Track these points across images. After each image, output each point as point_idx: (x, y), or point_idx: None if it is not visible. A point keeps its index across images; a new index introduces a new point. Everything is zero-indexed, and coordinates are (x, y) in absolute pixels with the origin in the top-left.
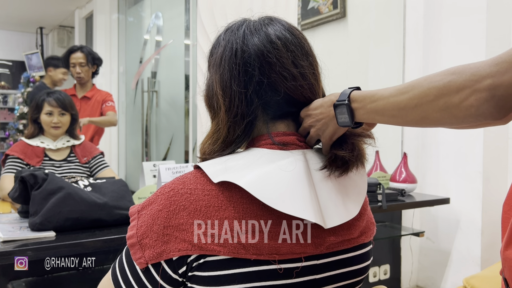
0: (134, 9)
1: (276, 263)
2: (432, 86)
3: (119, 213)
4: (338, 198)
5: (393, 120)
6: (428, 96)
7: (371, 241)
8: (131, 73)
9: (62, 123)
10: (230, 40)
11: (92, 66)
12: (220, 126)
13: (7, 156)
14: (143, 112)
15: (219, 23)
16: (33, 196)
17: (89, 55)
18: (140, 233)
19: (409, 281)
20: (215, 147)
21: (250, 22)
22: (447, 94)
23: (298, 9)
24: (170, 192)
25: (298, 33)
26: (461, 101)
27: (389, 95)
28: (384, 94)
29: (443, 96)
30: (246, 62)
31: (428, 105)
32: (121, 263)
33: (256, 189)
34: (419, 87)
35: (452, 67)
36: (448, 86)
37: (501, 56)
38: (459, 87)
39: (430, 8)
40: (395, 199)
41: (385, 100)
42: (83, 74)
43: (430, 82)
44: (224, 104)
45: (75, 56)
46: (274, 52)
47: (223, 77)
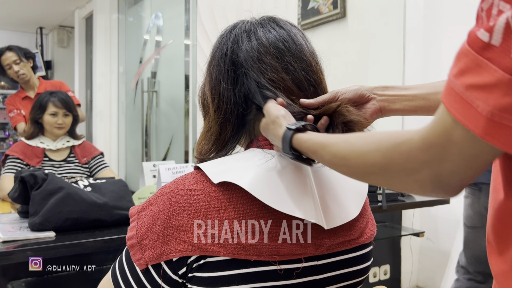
0: (134, 9)
1: (277, 264)
2: (362, 162)
3: (119, 213)
4: (339, 199)
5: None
6: (406, 168)
7: (372, 242)
8: (131, 73)
9: (65, 124)
10: (222, 40)
11: (27, 60)
12: (211, 125)
13: (7, 157)
14: (143, 112)
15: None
16: (33, 196)
17: (19, 51)
18: (140, 234)
19: (409, 281)
20: (210, 147)
21: (243, 25)
22: (380, 174)
23: (298, 9)
24: (170, 193)
25: (297, 32)
26: (403, 184)
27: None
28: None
29: (374, 175)
30: (235, 60)
31: (405, 177)
32: (121, 264)
33: (257, 190)
34: (387, 144)
35: (373, 137)
36: (384, 168)
37: (428, 137)
38: (395, 175)
39: (430, 8)
40: (395, 199)
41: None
42: (23, 71)
43: (358, 156)
44: (213, 103)
45: (5, 57)
46: (267, 51)
47: (212, 76)
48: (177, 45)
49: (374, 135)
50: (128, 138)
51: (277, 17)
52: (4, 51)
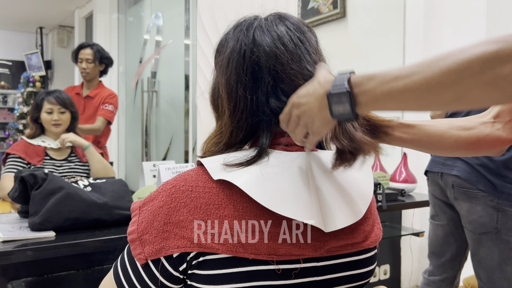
0: (134, 9)
1: (274, 264)
2: (475, 57)
3: (119, 213)
4: (341, 201)
5: (412, 105)
6: (471, 68)
7: (376, 246)
8: (131, 73)
9: (62, 121)
10: (239, 40)
11: (99, 64)
12: (223, 129)
13: (8, 155)
14: (143, 112)
15: (219, 23)
16: (33, 196)
17: (97, 53)
18: (141, 229)
19: (409, 281)
20: (217, 149)
21: (261, 21)
22: (496, 64)
23: (298, 9)
24: (171, 189)
25: (308, 30)
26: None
27: (411, 73)
28: (401, 73)
29: (490, 68)
30: (255, 66)
31: (470, 79)
32: (122, 260)
33: (255, 191)
34: (454, 59)
35: (487, 38)
36: (497, 55)
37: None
38: (510, 55)
39: (430, 8)
40: (395, 199)
41: (407, 79)
42: (88, 70)
43: (470, 53)
44: (229, 109)
45: (83, 52)
46: (286, 55)
47: (229, 81)
48: (177, 45)
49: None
50: (128, 138)
51: (288, 15)
52: (85, 46)
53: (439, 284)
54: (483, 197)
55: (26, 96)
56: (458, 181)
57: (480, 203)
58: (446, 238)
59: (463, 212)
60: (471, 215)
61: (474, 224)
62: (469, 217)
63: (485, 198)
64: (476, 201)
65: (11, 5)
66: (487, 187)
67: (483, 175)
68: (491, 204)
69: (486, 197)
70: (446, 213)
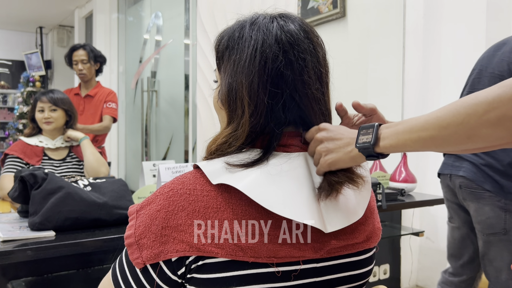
0: (134, 9)
1: (274, 266)
2: (480, 100)
3: (119, 212)
4: (340, 202)
5: (429, 143)
6: (477, 111)
7: (376, 246)
8: (130, 73)
9: (53, 118)
10: (259, 40)
11: (94, 63)
12: (238, 131)
13: (7, 156)
14: (142, 112)
15: (219, 23)
16: (33, 195)
17: (91, 52)
18: (138, 233)
19: (409, 281)
20: (230, 150)
21: (280, 21)
22: (498, 106)
23: (298, 8)
24: (169, 192)
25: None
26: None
27: (426, 116)
28: (419, 118)
29: (494, 109)
30: (278, 73)
31: (477, 120)
32: (121, 263)
33: (255, 193)
34: (463, 103)
35: (496, 84)
36: (499, 99)
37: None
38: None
39: (430, 8)
40: (394, 199)
41: (422, 119)
42: (85, 71)
43: (476, 97)
44: (249, 111)
45: (77, 53)
46: (310, 74)
47: (252, 84)
48: (177, 45)
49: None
50: (128, 138)
51: (308, 24)
52: (78, 48)
53: (458, 284)
54: (490, 198)
55: (26, 96)
56: (465, 181)
57: (487, 203)
58: (463, 240)
59: (472, 212)
60: (480, 215)
61: (482, 225)
62: (478, 218)
63: (492, 199)
64: (483, 202)
65: (11, 5)
66: (494, 187)
67: (490, 175)
68: (498, 204)
69: (493, 197)
70: (460, 216)
